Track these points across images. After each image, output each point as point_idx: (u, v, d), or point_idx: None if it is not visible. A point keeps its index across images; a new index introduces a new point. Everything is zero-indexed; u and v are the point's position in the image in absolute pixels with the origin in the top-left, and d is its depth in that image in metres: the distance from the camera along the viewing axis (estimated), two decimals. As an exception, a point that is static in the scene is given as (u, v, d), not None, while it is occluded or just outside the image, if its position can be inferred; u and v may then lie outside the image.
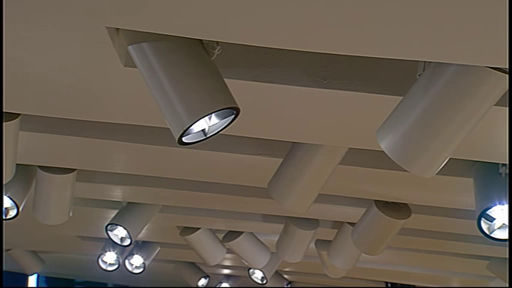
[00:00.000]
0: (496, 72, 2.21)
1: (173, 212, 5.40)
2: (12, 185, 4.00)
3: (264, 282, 7.17)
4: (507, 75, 2.21)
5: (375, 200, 4.50)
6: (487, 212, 3.44)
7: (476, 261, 6.20)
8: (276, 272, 7.74)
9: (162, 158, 3.94)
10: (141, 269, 6.82)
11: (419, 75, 2.38)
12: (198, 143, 2.39)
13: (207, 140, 2.38)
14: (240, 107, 2.30)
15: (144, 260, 6.79)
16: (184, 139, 2.33)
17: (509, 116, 2.66)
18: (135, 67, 2.36)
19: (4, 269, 6.74)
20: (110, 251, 6.65)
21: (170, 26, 2.24)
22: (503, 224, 3.43)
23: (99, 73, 2.79)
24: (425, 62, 2.36)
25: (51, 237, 6.80)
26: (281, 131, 3.37)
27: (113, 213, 5.22)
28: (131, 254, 6.78)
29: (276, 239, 5.47)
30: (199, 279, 8.35)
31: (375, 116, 2.58)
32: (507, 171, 3.49)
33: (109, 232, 5.16)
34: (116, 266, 6.75)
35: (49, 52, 2.61)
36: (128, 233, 5.08)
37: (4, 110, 3.17)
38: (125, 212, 5.13)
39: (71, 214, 4.42)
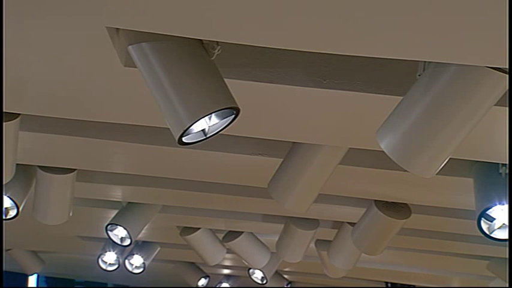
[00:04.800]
0: (496, 72, 2.21)
1: (173, 212, 5.40)
2: (12, 185, 4.00)
3: (264, 282, 7.17)
4: (507, 75, 2.21)
5: (375, 200, 4.50)
6: (487, 212, 3.44)
7: (476, 261, 6.20)
8: (276, 272, 7.74)
9: (162, 158, 3.94)
10: (141, 269, 6.82)
11: (419, 75, 2.38)
12: (198, 143, 2.39)
13: (207, 140, 2.38)
14: (240, 107, 2.30)
15: (144, 260, 6.79)
16: (184, 139, 2.33)
17: (509, 116, 2.66)
18: (135, 67, 2.36)
19: (4, 269, 6.73)
20: (110, 251, 6.65)
21: (170, 26, 2.24)
22: (503, 224, 3.43)
23: (99, 73, 2.79)
24: (425, 62, 2.36)
25: (51, 237, 6.79)
26: (281, 131, 3.37)
27: (113, 213, 5.22)
28: (131, 254, 6.78)
29: (276, 239, 5.47)
30: (199, 279, 8.35)
31: (375, 116, 2.58)
32: (507, 171, 3.49)
33: (109, 232, 5.16)
34: (116, 266, 6.75)
35: (49, 52, 2.61)
36: (128, 233, 5.08)
37: (4, 110, 3.17)
38: (125, 212, 5.13)
39: (71, 214, 4.42)
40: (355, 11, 2.02)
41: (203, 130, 2.37)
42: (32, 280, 10.86)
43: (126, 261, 6.80)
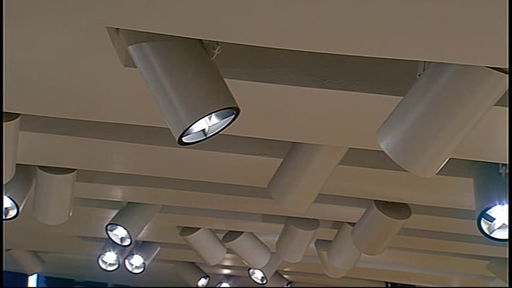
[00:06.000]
0: (496, 72, 2.21)
1: (173, 212, 5.40)
2: (12, 185, 4.00)
3: (264, 282, 7.17)
4: (507, 75, 2.21)
5: (375, 200, 4.50)
6: (487, 212, 3.44)
7: (476, 261, 6.20)
8: (276, 272, 7.74)
9: (162, 158, 3.94)
10: (141, 269, 6.82)
11: (419, 75, 2.38)
12: (198, 143, 2.39)
13: (207, 140, 2.38)
14: (240, 107, 2.30)
15: (144, 260, 6.79)
16: (184, 139, 2.33)
17: (509, 116, 2.66)
18: (135, 67, 2.36)
19: (4, 269, 6.73)
20: (110, 251, 6.65)
21: (170, 26, 2.24)
22: (503, 224, 3.43)
23: (99, 73, 2.79)
24: (425, 62, 2.36)
25: (51, 237, 6.80)
26: (281, 131, 3.37)
27: (113, 213, 5.23)
28: (131, 254, 6.78)
29: (276, 239, 5.47)
30: (199, 279, 8.35)
31: (375, 116, 2.58)
32: (507, 171, 3.49)
33: (109, 232, 5.16)
34: (116, 266, 6.75)
35: (49, 52, 2.61)
36: (128, 233, 5.08)
37: (4, 110, 3.17)
38: (125, 212, 5.13)
39: (71, 214, 4.42)
40: (356, 12, 2.02)
41: (203, 130, 2.37)
42: (32, 280, 10.86)
43: (126, 261, 6.80)
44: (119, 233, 5.19)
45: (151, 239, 6.71)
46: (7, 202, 4.15)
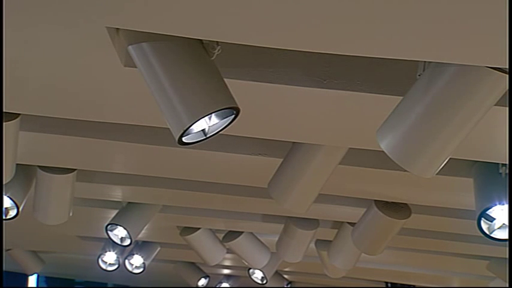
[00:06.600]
0: (496, 72, 2.21)
1: (173, 212, 5.40)
2: (12, 185, 4.00)
3: (264, 282, 7.18)
4: (507, 75, 2.21)
5: (375, 200, 4.50)
6: (487, 212, 3.44)
7: (476, 261, 6.20)
8: (276, 272, 7.74)
9: (162, 158, 3.94)
10: (141, 269, 6.82)
11: (419, 75, 2.38)
12: (198, 143, 2.39)
13: (207, 140, 2.38)
14: (240, 107, 2.30)
15: (144, 260, 6.79)
16: (184, 139, 2.33)
17: (509, 116, 2.66)
18: (135, 67, 2.36)
19: (4, 269, 6.73)
20: (110, 251, 6.66)
21: (170, 26, 2.24)
22: (503, 224, 3.43)
23: (99, 73, 2.79)
24: (425, 62, 2.36)
25: (51, 237, 6.80)
26: (281, 131, 3.37)
27: (113, 213, 5.23)
28: (131, 254, 6.79)
29: (276, 239, 5.47)
30: (199, 279, 8.35)
31: (375, 116, 2.58)
32: (507, 171, 3.49)
33: (109, 232, 5.16)
34: (116, 266, 6.76)
35: (49, 52, 2.61)
36: (128, 233, 5.08)
37: (4, 110, 3.17)
38: (125, 212, 5.13)
39: (71, 214, 4.42)
40: (356, 12, 2.02)
41: (203, 130, 2.37)
42: (32, 280, 10.86)
43: (126, 261, 6.80)
44: (118, 233, 5.19)
45: (151, 239, 6.71)
46: (7, 202, 4.16)
